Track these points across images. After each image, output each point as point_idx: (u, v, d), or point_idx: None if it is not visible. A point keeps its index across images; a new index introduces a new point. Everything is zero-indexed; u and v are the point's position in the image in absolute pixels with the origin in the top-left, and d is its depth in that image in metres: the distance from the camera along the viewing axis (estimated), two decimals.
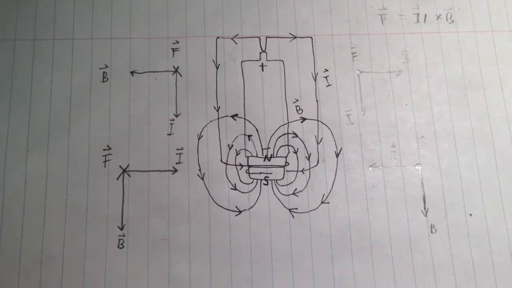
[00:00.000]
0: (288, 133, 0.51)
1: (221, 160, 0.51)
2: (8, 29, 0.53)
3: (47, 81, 0.52)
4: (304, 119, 0.52)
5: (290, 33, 0.54)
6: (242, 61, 0.53)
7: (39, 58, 0.53)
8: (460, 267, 0.48)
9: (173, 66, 0.53)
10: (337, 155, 0.51)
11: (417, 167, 0.51)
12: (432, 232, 0.49)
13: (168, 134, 0.51)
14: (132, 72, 0.53)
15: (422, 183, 0.50)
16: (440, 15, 0.55)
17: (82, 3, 0.54)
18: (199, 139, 0.51)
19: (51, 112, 0.51)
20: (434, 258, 0.49)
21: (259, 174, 0.51)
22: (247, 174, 0.50)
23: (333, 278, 0.48)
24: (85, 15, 0.54)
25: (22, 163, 0.50)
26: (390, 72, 0.53)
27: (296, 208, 0.50)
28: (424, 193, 0.50)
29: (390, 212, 0.50)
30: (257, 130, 0.51)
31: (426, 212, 0.50)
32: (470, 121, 0.52)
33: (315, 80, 0.53)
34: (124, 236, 0.49)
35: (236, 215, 0.49)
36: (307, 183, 0.50)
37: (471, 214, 0.50)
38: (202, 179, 0.50)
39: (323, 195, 0.50)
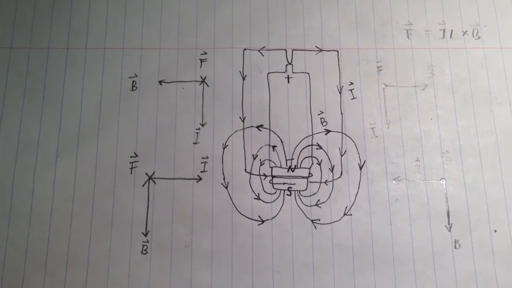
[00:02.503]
0: (312, 145, 0.52)
1: (245, 170, 0.51)
2: (42, 38, 0.55)
3: (79, 89, 0.53)
4: (328, 131, 0.52)
5: (316, 46, 0.55)
6: (268, 73, 0.54)
7: (71, 66, 0.54)
8: (484, 284, 0.48)
9: (201, 76, 0.54)
10: (360, 168, 0.51)
11: (441, 181, 0.51)
12: (456, 248, 0.49)
13: (193, 143, 0.52)
14: (160, 82, 0.54)
15: (447, 198, 0.50)
16: (466, 31, 0.55)
17: (114, 13, 0.56)
18: (224, 148, 0.52)
19: (81, 119, 0.53)
20: (457, 274, 0.48)
21: (282, 185, 0.51)
22: (271, 184, 0.51)
23: None
24: (117, 25, 0.56)
25: (52, 168, 0.51)
26: (416, 86, 0.53)
27: (319, 219, 0.50)
28: (448, 208, 0.50)
29: (414, 226, 0.49)
30: (281, 141, 0.52)
31: (450, 227, 0.49)
32: (495, 136, 0.52)
33: (340, 92, 0.53)
34: (148, 242, 0.49)
35: (259, 224, 0.50)
36: (330, 194, 0.51)
37: (495, 230, 0.49)
38: (226, 188, 0.51)
39: (346, 207, 0.50)
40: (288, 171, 0.51)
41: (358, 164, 0.51)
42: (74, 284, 0.48)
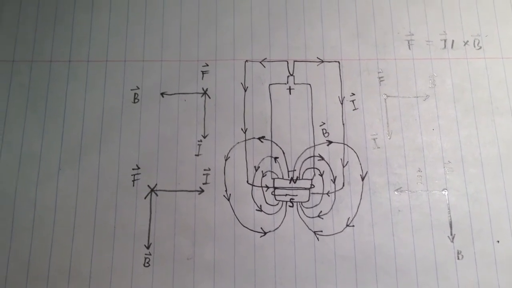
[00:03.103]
0: (314, 156, 0.52)
1: (247, 182, 0.51)
2: (44, 51, 0.55)
3: (81, 101, 0.54)
4: (330, 142, 0.52)
5: (317, 57, 0.55)
6: (270, 84, 0.54)
7: (73, 79, 0.54)
8: None
9: (202, 88, 0.54)
10: (362, 179, 0.51)
11: (443, 192, 0.51)
12: (458, 258, 0.49)
13: (195, 155, 0.52)
14: (162, 94, 0.54)
15: (449, 208, 0.50)
16: (467, 41, 0.55)
17: (116, 26, 0.56)
18: (226, 160, 0.52)
19: (83, 131, 0.53)
20: (460, 285, 0.48)
21: (284, 196, 0.51)
22: (273, 196, 0.51)
23: None
24: (119, 38, 0.56)
25: (54, 180, 0.51)
26: (417, 97, 0.54)
27: (321, 231, 0.50)
28: (450, 219, 0.50)
29: (416, 237, 0.49)
30: (283, 152, 0.52)
31: (453, 238, 0.49)
32: (497, 146, 0.52)
33: (341, 103, 0.53)
34: (150, 254, 0.49)
35: (261, 236, 0.50)
36: (332, 205, 0.50)
37: (498, 241, 0.49)
38: (228, 199, 0.51)
39: (348, 218, 0.50)
40: (290, 183, 0.51)
41: (360, 175, 0.51)
42: None
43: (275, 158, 0.52)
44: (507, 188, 0.51)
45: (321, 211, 0.50)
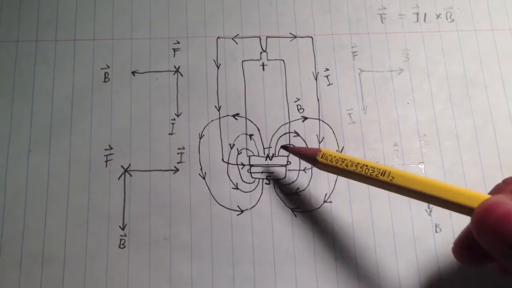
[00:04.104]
0: (289, 132, 0.51)
1: (222, 160, 0.50)
2: (10, 31, 0.54)
3: (49, 82, 0.52)
4: (305, 118, 0.52)
5: (290, 33, 0.54)
6: (243, 61, 0.53)
7: (41, 59, 0.53)
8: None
9: (174, 66, 0.53)
10: None
11: (420, 165, 0.51)
12: (436, 232, 0.49)
13: (169, 134, 0.51)
14: (133, 72, 0.53)
15: None
16: (440, 14, 0.55)
17: (84, 4, 0.55)
18: (200, 138, 0.51)
19: (53, 112, 0.52)
20: (439, 258, 0.48)
21: (260, 174, 0.50)
22: (249, 174, 0.50)
23: (337, 278, 0.47)
24: (87, 17, 0.55)
25: (24, 163, 0.50)
26: (391, 71, 0.53)
27: (299, 208, 0.49)
28: None
29: (393, 211, 0.49)
30: (258, 130, 0.51)
31: (430, 211, 0.49)
32: (472, 119, 0.52)
33: (316, 79, 0.53)
34: (125, 236, 0.48)
35: (238, 214, 0.49)
36: (309, 182, 0.50)
37: None
38: (204, 178, 0.50)
39: (326, 194, 0.50)
40: (266, 160, 0.51)
41: (337, 150, 0.51)
42: (50, 283, 0.47)
43: (250, 135, 0.51)
44: (483, 160, 0.51)
45: (298, 188, 0.50)
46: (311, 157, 0.46)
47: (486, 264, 0.41)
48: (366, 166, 0.42)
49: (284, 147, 0.50)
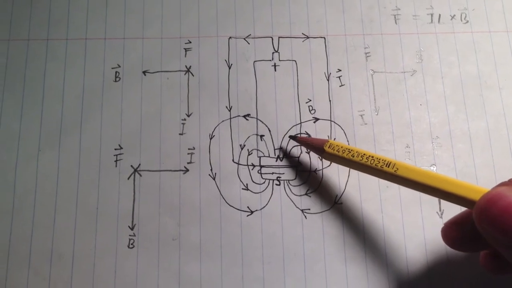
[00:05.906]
0: (300, 133, 0.51)
1: (233, 160, 0.50)
2: (21, 29, 0.54)
3: (60, 81, 0.52)
4: (316, 119, 0.51)
5: (303, 33, 0.54)
6: (254, 61, 0.53)
7: (52, 58, 0.53)
8: (477, 269, 0.47)
9: (186, 66, 0.53)
10: None
11: (432, 167, 0.50)
12: None
13: (179, 134, 0.51)
14: (144, 72, 0.53)
15: None
16: (454, 15, 0.55)
17: (95, 3, 0.55)
18: (211, 139, 0.51)
19: (63, 112, 0.51)
20: (449, 260, 0.47)
21: (271, 174, 0.50)
22: (259, 174, 0.50)
23: (346, 279, 0.47)
24: (98, 15, 0.54)
25: (34, 162, 0.50)
26: (404, 72, 0.53)
27: (309, 209, 0.49)
28: None
29: (405, 213, 0.49)
30: (269, 130, 0.51)
31: (442, 214, 0.49)
32: (486, 121, 0.51)
33: (328, 80, 0.53)
34: (134, 235, 0.48)
35: (248, 215, 0.49)
36: (320, 183, 0.50)
37: None
38: (214, 179, 0.50)
39: (336, 196, 0.49)
40: (276, 161, 0.50)
41: None
42: (59, 281, 0.47)
43: (261, 136, 0.51)
44: (496, 163, 0.50)
45: (308, 189, 0.50)
46: (318, 147, 0.46)
47: (471, 250, 0.44)
48: (372, 157, 0.43)
49: (292, 137, 0.50)
